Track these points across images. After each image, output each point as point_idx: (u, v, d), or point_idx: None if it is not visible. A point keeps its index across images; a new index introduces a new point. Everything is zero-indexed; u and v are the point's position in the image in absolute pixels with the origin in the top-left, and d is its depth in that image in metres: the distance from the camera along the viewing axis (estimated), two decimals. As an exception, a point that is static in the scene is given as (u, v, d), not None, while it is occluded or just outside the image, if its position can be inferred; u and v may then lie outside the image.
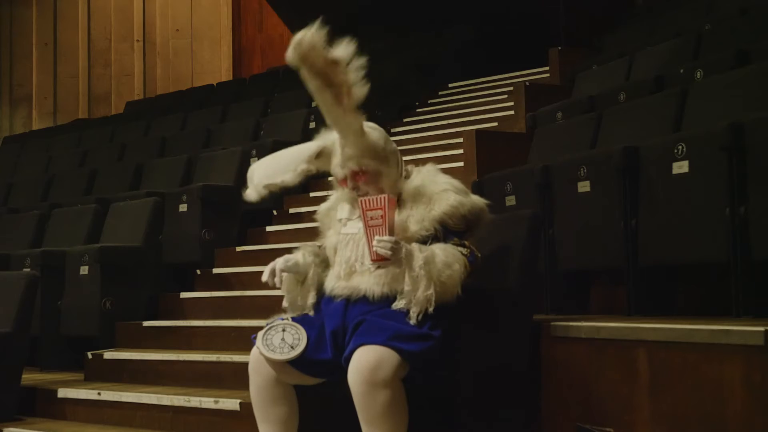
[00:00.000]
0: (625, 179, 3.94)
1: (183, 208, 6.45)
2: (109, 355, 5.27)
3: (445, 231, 3.25)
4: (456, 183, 3.37)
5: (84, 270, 5.81)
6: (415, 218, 3.25)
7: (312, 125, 7.86)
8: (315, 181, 7.47)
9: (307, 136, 7.76)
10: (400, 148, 8.73)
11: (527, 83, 7.44)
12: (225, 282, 6.03)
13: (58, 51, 13.98)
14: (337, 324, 3.26)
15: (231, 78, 13.63)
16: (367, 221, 3.16)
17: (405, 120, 9.01)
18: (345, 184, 3.37)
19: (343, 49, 3.12)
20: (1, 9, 14.08)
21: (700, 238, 3.60)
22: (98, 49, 14.02)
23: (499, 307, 3.58)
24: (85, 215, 6.76)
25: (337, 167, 3.35)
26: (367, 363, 3.03)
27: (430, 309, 3.11)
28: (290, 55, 3.10)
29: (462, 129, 7.17)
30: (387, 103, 9.11)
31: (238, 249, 6.44)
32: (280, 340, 3.29)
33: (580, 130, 5.23)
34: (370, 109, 9.24)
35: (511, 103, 7.67)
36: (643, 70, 6.05)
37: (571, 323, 3.57)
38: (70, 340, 5.88)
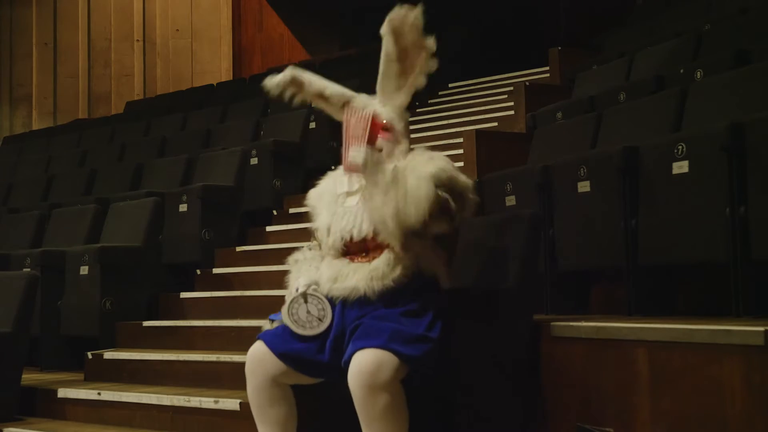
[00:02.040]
0: (625, 179, 3.94)
1: (183, 208, 6.45)
2: (109, 355, 5.27)
3: None
4: (446, 161, 3.32)
5: (84, 270, 5.81)
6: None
7: (312, 125, 7.86)
8: (316, 181, 7.46)
9: (307, 136, 7.79)
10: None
11: (527, 83, 7.45)
12: (225, 282, 6.03)
13: (58, 51, 13.97)
14: (336, 327, 3.26)
15: (231, 78, 13.63)
16: (348, 128, 3.24)
17: (405, 120, 8.99)
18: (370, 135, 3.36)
19: (433, 42, 3.31)
20: (1, 9, 14.08)
21: (700, 238, 3.59)
22: (98, 49, 14.01)
23: (499, 307, 3.58)
24: (85, 215, 6.76)
25: (368, 101, 3.40)
26: (366, 366, 3.04)
27: (390, 226, 3.08)
28: (387, 26, 3.29)
29: (462, 129, 7.17)
30: (387, 103, 9.09)
31: (238, 249, 6.44)
32: (306, 312, 3.29)
33: (580, 130, 5.23)
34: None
35: (511, 103, 7.68)
36: (643, 70, 6.05)
37: (571, 323, 3.57)
38: (70, 340, 5.88)
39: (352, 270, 3.26)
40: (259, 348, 3.35)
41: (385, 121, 3.34)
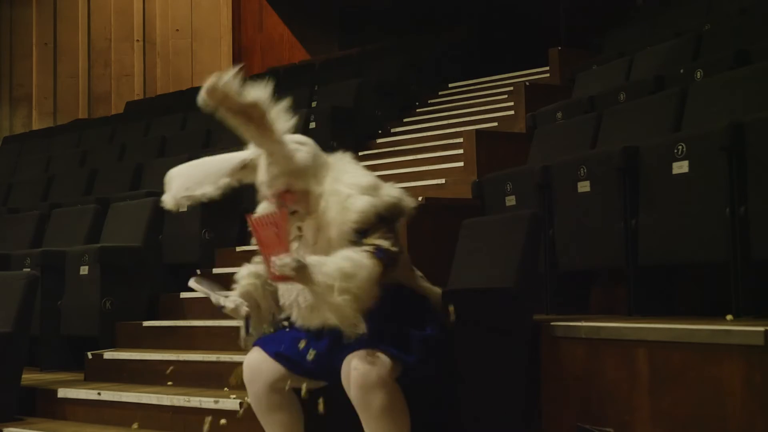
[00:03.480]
0: (625, 179, 3.94)
1: (183, 207, 6.44)
2: (109, 355, 5.26)
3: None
4: (362, 181, 3.22)
5: (84, 270, 5.81)
6: (335, 231, 3.16)
7: (312, 125, 7.86)
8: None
9: (307, 136, 7.77)
10: (400, 148, 8.73)
11: (527, 83, 7.44)
12: (225, 282, 6.01)
13: (58, 51, 13.97)
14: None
15: (231, 78, 13.61)
16: (261, 240, 3.09)
17: (405, 120, 9.01)
18: (272, 201, 3.28)
19: (259, 91, 3.12)
20: (1, 9, 14.07)
21: (700, 238, 3.59)
22: (98, 49, 14.01)
23: (499, 307, 3.57)
24: (85, 215, 6.76)
25: (263, 185, 3.26)
26: (358, 368, 3.07)
27: (350, 314, 3.02)
28: (203, 100, 3.08)
29: (462, 129, 7.17)
30: (387, 103, 9.10)
31: (238, 249, 6.43)
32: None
33: (580, 130, 5.23)
34: (370, 109, 9.22)
35: (511, 103, 7.67)
36: (643, 70, 6.05)
37: (571, 323, 3.57)
38: (70, 340, 5.88)
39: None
40: (254, 356, 3.37)
41: (285, 203, 3.21)
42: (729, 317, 3.32)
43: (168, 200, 3.41)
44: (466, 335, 3.50)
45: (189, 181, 3.40)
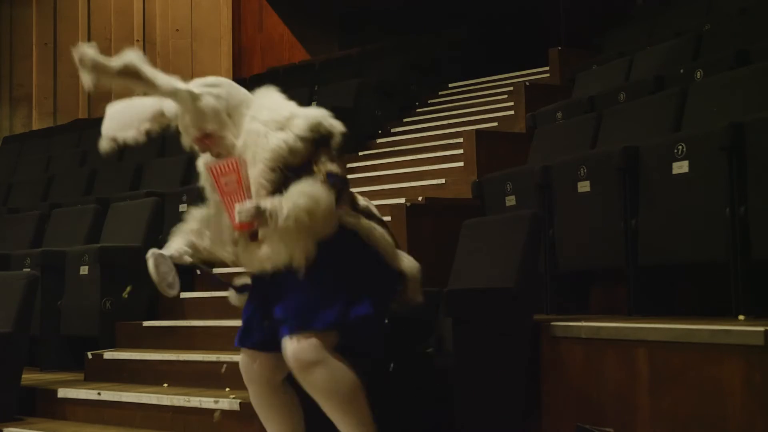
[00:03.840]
0: (625, 179, 3.94)
1: (183, 208, 6.44)
2: (109, 355, 5.26)
3: (293, 168, 3.11)
4: (278, 116, 3.16)
5: (84, 270, 5.80)
6: (254, 171, 3.11)
7: (312, 125, 7.85)
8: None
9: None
10: (400, 148, 8.70)
11: (527, 83, 7.44)
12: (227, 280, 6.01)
13: (58, 51, 13.95)
14: (259, 296, 3.30)
15: (231, 78, 13.61)
16: (222, 188, 3.08)
17: (405, 120, 9.01)
18: (196, 146, 3.26)
19: (128, 54, 3.11)
20: (1, 9, 14.07)
21: (699, 238, 3.60)
22: (98, 49, 14.00)
23: (499, 307, 3.58)
24: (85, 215, 6.76)
25: (183, 133, 3.26)
26: (290, 352, 3.10)
27: (310, 253, 3.05)
28: (82, 74, 3.09)
29: (462, 129, 7.16)
30: (387, 103, 9.10)
31: (238, 249, 6.43)
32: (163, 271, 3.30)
33: (580, 130, 5.23)
34: (370, 109, 9.23)
35: (511, 103, 7.67)
36: (643, 70, 6.05)
37: (571, 323, 3.57)
38: (70, 340, 5.88)
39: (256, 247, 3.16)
40: (243, 358, 3.41)
41: (207, 147, 3.19)
42: (741, 317, 3.32)
43: (103, 144, 3.43)
44: (466, 335, 3.50)
45: (116, 124, 3.40)
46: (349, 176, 8.15)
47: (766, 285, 3.44)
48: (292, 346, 3.09)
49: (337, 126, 3.23)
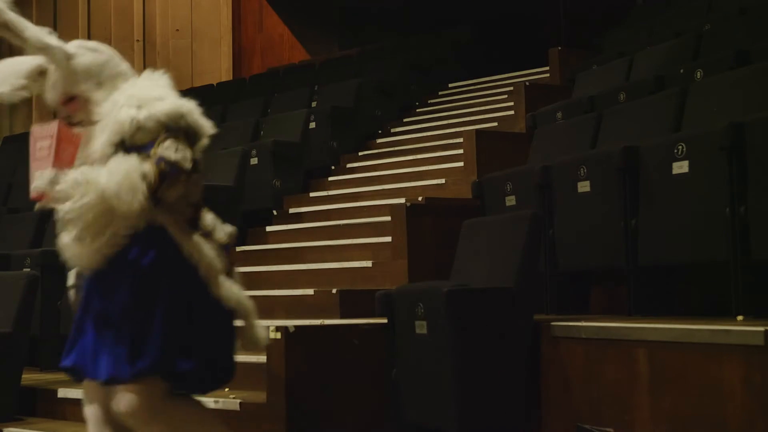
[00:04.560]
0: (625, 179, 3.94)
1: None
2: (109, 355, 5.25)
3: (137, 147, 2.80)
4: (144, 93, 2.87)
5: (84, 270, 5.79)
6: (98, 143, 2.85)
7: (312, 125, 7.86)
8: (315, 182, 7.48)
9: (307, 136, 7.79)
10: (400, 148, 8.72)
11: (527, 83, 7.44)
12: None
13: (58, 51, 13.96)
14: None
15: (231, 78, 13.61)
16: (33, 153, 2.83)
17: (405, 120, 9.01)
18: (59, 111, 2.99)
19: None
20: (1, 9, 14.06)
21: (700, 238, 3.60)
22: None
23: (499, 307, 3.58)
24: (85, 215, 6.74)
25: (48, 92, 2.99)
26: (114, 407, 2.74)
27: (112, 248, 2.78)
28: None
29: (462, 129, 7.17)
30: (387, 103, 9.10)
31: (238, 249, 6.43)
32: None
33: (580, 130, 5.23)
34: (370, 109, 9.25)
35: (511, 103, 7.67)
36: (643, 70, 6.05)
37: (571, 323, 3.57)
38: (70, 340, 5.87)
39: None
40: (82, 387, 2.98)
41: (68, 113, 2.93)
42: (740, 318, 3.32)
43: None
44: (466, 335, 3.50)
45: None
46: (349, 176, 8.19)
47: (766, 285, 3.44)
48: (116, 401, 2.71)
49: (205, 126, 2.92)
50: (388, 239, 5.38)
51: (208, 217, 2.99)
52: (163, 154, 2.75)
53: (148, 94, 2.86)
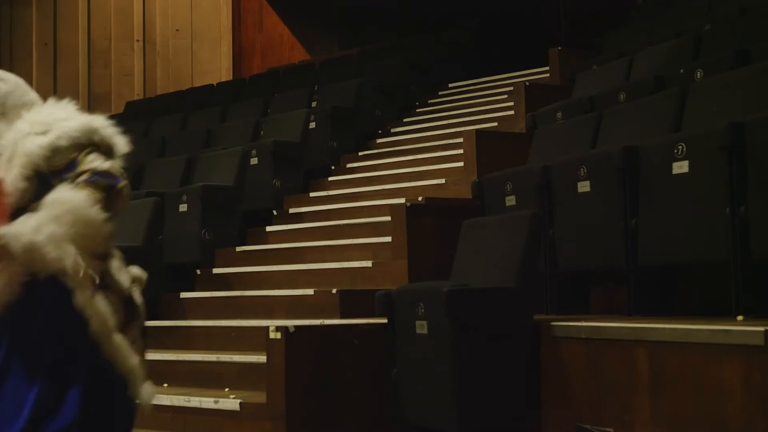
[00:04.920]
0: (625, 179, 3.94)
1: (183, 208, 6.45)
2: (109, 355, 5.25)
3: (57, 171, 2.61)
4: (48, 118, 2.69)
5: (84, 270, 5.79)
6: (9, 177, 2.58)
7: (312, 125, 7.87)
8: (315, 182, 7.48)
9: (307, 136, 7.80)
10: (400, 148, 8.73)
11: (527, 83, 7.44)
12: (225, 282, 6.03)
13: (58, 51, 13.96)
14: None
15: (231, 78, 13.62)
16: None
17: (405, 120, 9.01)
18: None
19: None
20: (1, 9, 14.07)
21: (700, 238, 3.59)
22: (98, 49, 14.01)
23: (500, 307, 3.58)
24: (85, 215, 6.74)
25: None
26: None
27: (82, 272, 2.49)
28: None
29: (462, 129, 7.17)
30: (387, 103, 9.11)
31: (238, 249, 6.44)
32: None
33: (580, 130, 5.23)
34: (370, 109, 9.27)
35: (511, 103, 7.67)
36: (643, 70, 6.05)
37: (571, 323, 3.57)
38: (70, 340, 5.87)
39: None
40: None
41: None
42: (740, 318, 3.32)
43: None
44: (466, 335, 3.50)
45: None
46: (349, 176, 8.21)
47: (766, 285, 3.44)
48: None
49: (119, 143, 2.78)
50: (388, 239, 5.38)
51: (115, 264, 2.77)
52: (92, 167, 2.59)
53: (53, 117, 2.69)
